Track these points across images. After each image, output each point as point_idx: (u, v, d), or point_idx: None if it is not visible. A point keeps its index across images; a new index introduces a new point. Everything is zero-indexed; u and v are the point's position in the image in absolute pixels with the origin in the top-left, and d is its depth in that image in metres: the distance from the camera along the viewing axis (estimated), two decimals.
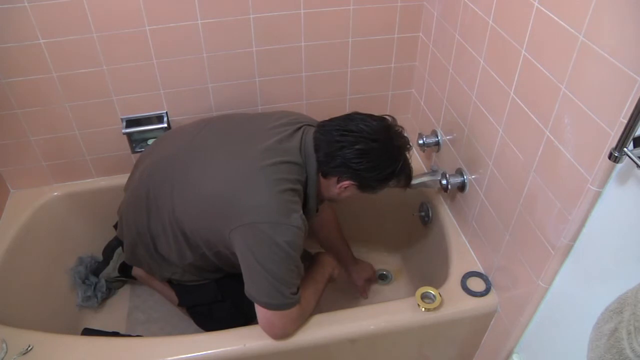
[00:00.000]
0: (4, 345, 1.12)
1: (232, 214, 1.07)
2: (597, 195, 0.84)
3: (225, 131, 1.22)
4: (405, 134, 1.19)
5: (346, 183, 1.15)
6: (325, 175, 1.17)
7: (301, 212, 1.09)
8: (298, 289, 1.10)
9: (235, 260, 1.11)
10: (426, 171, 1.56)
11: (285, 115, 1.24)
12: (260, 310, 1.08)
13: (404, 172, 1.19)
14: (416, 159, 1.67)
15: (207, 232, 1.13)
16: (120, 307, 1.59)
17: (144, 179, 1.25)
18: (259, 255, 1.04)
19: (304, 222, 1.08)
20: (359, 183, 1.15)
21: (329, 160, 1.13)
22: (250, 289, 1.07)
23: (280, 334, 1.12)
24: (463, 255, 1.34)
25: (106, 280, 1.58)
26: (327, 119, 1.19)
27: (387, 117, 1.18)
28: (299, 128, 1.19)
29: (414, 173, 1.46)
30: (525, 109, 0.99)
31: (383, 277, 1.73)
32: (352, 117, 1.16)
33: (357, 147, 1.11)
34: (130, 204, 1.29)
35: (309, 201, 1.19)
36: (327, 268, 1.33)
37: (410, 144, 1.20)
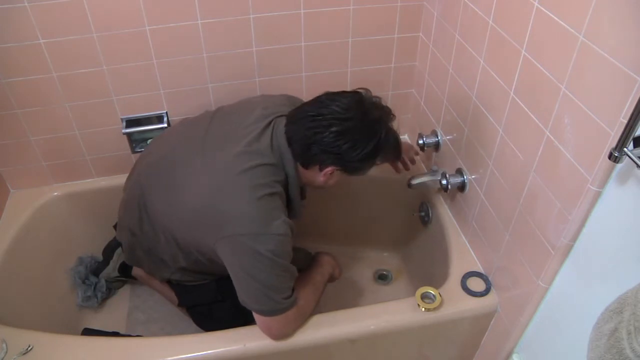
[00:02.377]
0: (4, 345, 1.12)
1: (212, 227, 1.06)
2: (597, 195, 0.84)
3: (204, 136, 1.17)
4: (384, 104, 1.11)
5: (329, 169, 1.09)
6: (306, 166, 1.11)
7: (283, 216, 1.05)
8: (292, 291, 1.10)
9: None
10: (426, 171, 1.56)
11: (258, 105, 1.18)
12: (256, 316, 1.08)
13: (388, 144, 1.10)
14: (416, 159, 1.67)
15: (195, 241, 1.13)
16: (120, 307, 1.59)
17: (139, 181, 1.25)
18: (245, 265, 1.03)
19: (288, 226, 1.05)
20: (343, 167, 1.10)
21: (305, 150, 1.07)
22: (242, 296, 1.07)
23: (279, 336, 1.12)
24: (463, 255, 1.34)
25: (106, 280, 1.58)
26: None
27: (359, 90, 1.11)
28: (269, 123, 1.13)
29: (414, 173, 1.47)
30: (525, 109, 0.99)
31: (383, 277, 1.73)
32: (321, 99, 1.09)
33: (331, 129, 1.04)
34: (127, 205, 1.29)
35: (293, 200, 1.16)
36: (326, 268, 1.32)
37: (393, 113, 1.11)
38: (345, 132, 1.05)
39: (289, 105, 1.19)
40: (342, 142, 1.05)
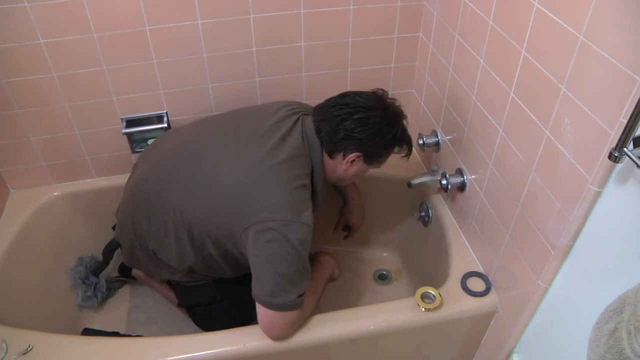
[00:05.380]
0: (4, 345, 1.12)
1: (244, 213, 1.07)
2: (597, 195, 0.84)
3: (229, 131, 1.21)
4: (397, 104, 1.21)
5: (352, 156, 1.17)
6: (331, 155, 1.18)
7: (311, 209, 1.11)
8: (304, 293, 1.10)
9: (242, 260, 1.11)
10: (426, 171, 1.56)
11: (282, 107, 1.24)
12: (261, 310, 1.08)
13: (404, 137, 1.21)
14: (416, 159, 1.67)
15: (217, 230, 1.13)
16: (120, 307, 1.59)
17: (144, 180, 1.25)
18: (270, 253, 1.05)
19: (312, 219, 1.09)
20: (365, 153, 1.17)
21: (332, 136, 1.15)
22: (256, 287, 1.07)
23: (279, 335, 1.12)
24: (463, 255, 1.34)
25: (106, 280, 1.58)
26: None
27: (378, 90, 1.22)
28: (297, 119, 1.20)
29: (414, 173, 1.48)
30: (525, 109, 0.99)
31: (383, 277, 1.73)
32: (346, 94, 1.20)
33: (356, 117, 1.14)
34: (128, 205, 1.29)
35: (316, 190, 1.19)
36: (326, 268, 1.33)
37: (405, 113, 1.23)
38: (368, 119, 1.15)
39: (311, 108, 1.26)
40: (365, 127, 1.14)
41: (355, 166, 1.20)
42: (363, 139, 1.15)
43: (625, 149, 0.71)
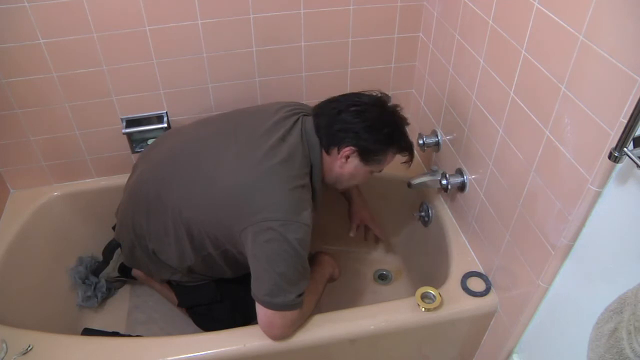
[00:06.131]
0: (4, 345, 1.12)
1: (244, 213, 1.07)
2: (597, 195, 0.84)
3: (229, 131, 1.21)
4: (399, 109, 1.22)
5: (347, 150, 1.16)
6: (327, 150, 1.18)
7: (310, 209, 1.10)
8: (303, 293, 1.10)
9: (242, 259, 1.11)
10: (426, 171, 1.56)
11: (282, 108, 1.24)
12: (261, 309, 1.08)
13: (402, 138, 1.21)
14: (416, 159, 1.67)
15: (216, 230, 1.13)
16: (120, 307, 1.59)
17: (144, 180, 1.25)
18: (269, 252, 1.05)
19: (311, 219, 1.09)
20: (360, 148, 1.16)
21: (328, 129, 1.17)
22: (255, 287, 1.07)
23: (279, 335, 1.12)
24: (463, 255, 1.34)
25: (106, 280, 1.58)
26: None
27: (383, 94, 1.23)
28: (297, 120, 1.21)
29: (414, 173, 1.47)
30: (525, 109, 0.99)
31: (383, 277, 1.73)
32: (345, 94, 1.23)
33: (353, 109, 1.16)
34: (128, 205, 1.29)
35: (315, 189, 1.19)
36: (326, 268, 1.33)
37: (408, 120, 1.23)
38: (365, 112, 1.16)
39: (311, 109, 1.27)
40: (360, 119, 1.15)
41: (351, 164, 1.19)
42: (358, 132, 1.15)
43: (625, 149, 0.71)
